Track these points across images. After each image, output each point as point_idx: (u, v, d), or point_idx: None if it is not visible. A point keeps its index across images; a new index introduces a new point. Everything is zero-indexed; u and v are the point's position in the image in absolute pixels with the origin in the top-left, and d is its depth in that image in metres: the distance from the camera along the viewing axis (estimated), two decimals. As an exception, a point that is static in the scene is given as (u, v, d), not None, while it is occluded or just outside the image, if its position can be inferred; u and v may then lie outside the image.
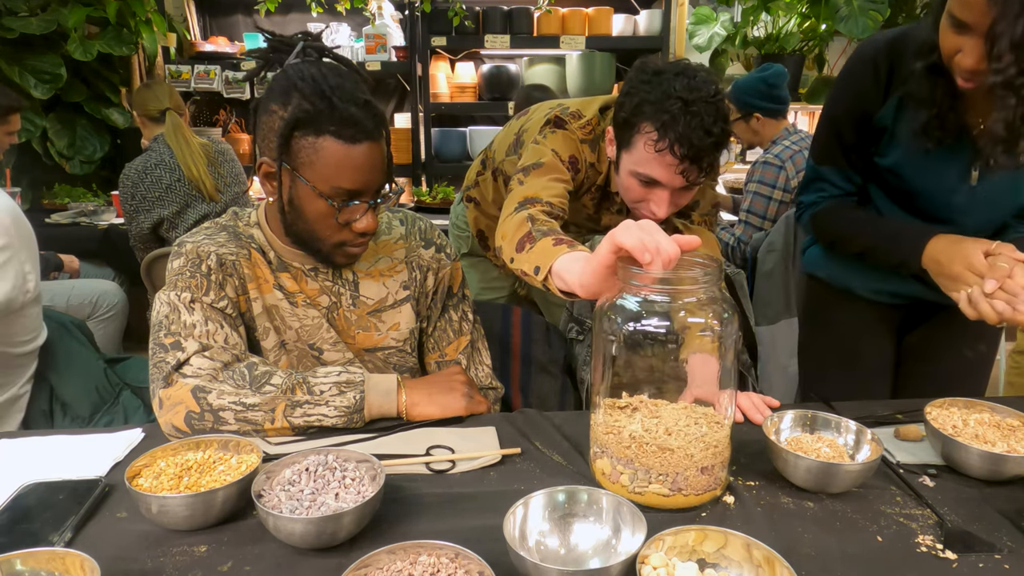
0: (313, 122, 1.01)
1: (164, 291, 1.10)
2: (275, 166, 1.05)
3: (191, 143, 2.49)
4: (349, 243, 1.11)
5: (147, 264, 2.37)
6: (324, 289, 1.18)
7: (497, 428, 1.06)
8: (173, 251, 1.14)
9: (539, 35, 3.94)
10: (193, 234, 1.16)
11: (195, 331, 1.05)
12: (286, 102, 1.03)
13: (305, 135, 1.02)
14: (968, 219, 1.24)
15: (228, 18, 4.37)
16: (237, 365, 1.05)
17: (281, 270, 1.16)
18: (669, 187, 1.21)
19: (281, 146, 1.03)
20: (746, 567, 0.71)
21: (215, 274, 1.10)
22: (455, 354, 1.29)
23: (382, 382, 1.08)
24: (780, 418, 0.99)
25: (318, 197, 1.05)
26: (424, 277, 1.26)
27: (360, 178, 1.04)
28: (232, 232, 1.16)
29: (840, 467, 0.88)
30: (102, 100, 3.68)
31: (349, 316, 1.20)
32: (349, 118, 1.01)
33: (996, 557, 0.78)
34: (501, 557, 0.69)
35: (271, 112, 1.04)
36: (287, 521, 0.75)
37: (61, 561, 0.68)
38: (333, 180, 1.03)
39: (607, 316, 0.87)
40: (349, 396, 1.05)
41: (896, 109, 1.21)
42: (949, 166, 1.20)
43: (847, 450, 0.95)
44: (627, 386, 0.91)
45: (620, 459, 0.87)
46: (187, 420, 1.00)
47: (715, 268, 0.86)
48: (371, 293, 1.21)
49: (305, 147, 1.02)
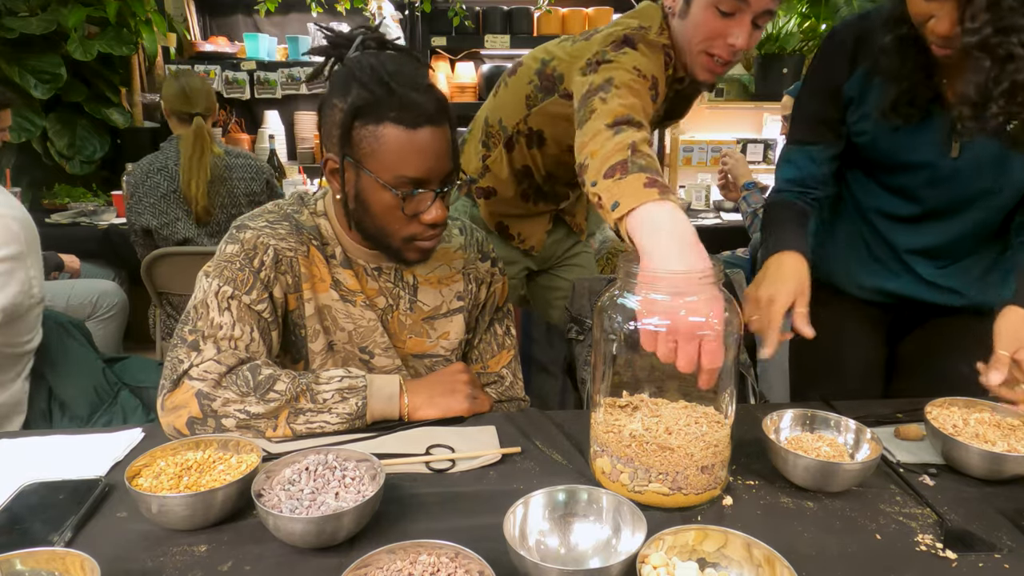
0: (373, 110, 1.00)
1: (209, 274, 1.08)
2: (339, 161, 1.04)
3: (204, 157, 2.33)
4: (419, 236, 1.08)
5: (147, 264, 2.37)
6: (383, 290, 1.17)
7: (497, 427, 1.06)
8: (231, 232, 1.11)
9: (539, 35, 3.94)
10: (255, 217, 1.13)
11: (219, 332, 1.04)
12: (346, 94, 1.01)
13: (365, 124, 1.01)
14: (956, 192, 1.19)
15: (228, 18, 4.37)
16: (241, 368, 1.03)
17: (345, 266, 1.14)
18: (752, 9, 1.20)
19: (343, 137, 1.02)
20: (746, 567, 0.71)
21: (267, 271, 1.08)
22: (497, 367, 1.30)
23: (385, 386, 1.07)
24: (780, 417, 0.99)
25: (382, 188, 1.02)
26: (478, 290, 1.26)
27: (424, 164, 1.02)
28: (294, 223, 1.12)
29: (839, 466, 0.88)
30: (102, 100, 3.68)
31: (403, 320, 1.19)
32: (409, 102, 0.99)
33: (996, 556, 0.78)
34: (501, 556, 0.69)
35: (332, 107, 1.04)
36: (287, 520, 0.75)
37: (61, 561, 0.68)
38: (396, 168, 1.01)
39: (608, 315, 0.87)
40: (351, 403, 1.04)
41: (862, 79, 1.18)
42: (925, 139, 1.16)
43: (847, 449, 0.95)
44: (627, 385, 0.92)
45: (620, 458, 0.87)
46: (189, 424, 1.00)
47: (715, 268, 0.86)
48: (428, 299, 1.21)
49: (366, 136, 1.01)
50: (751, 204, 2.59)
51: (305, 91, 3.94)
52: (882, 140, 1.20)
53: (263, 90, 3.93)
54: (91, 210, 3.30)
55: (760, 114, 4.22)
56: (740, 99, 4.07)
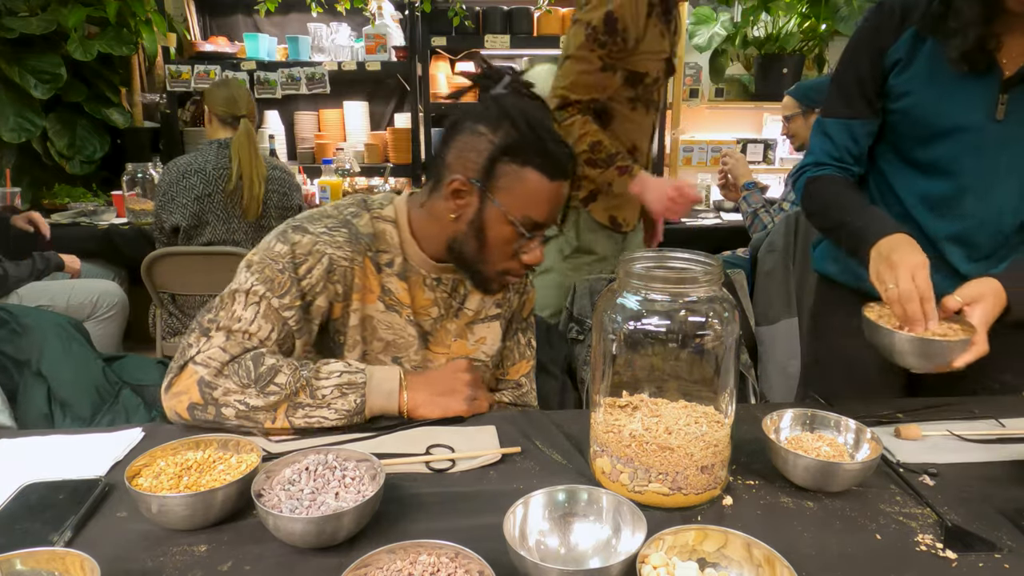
0: (521, 152, 1.05)
1: (251, 267, 1.09)
2: (468, 185, 1.08)
3: (256, 158, 2.37)
4: (512, 272, 1.14)
5: (147, 264, 2.38)
6: (438, 301, 1.20)
7: (497, 427, 1.06)
8: (286, 230, 1.11)
9: (539, 35, 3.94)
10: (314, 220, 1.13)
11: (235, 325, 1.05)
12: (496, 128, 1.06)
13: (511, 162, 1.06)
14: (996, 162, 1.15)
15: (228, 18, 4.37)
16: (244, 357, 1.03)
17: (400, 277, 1.16)
18: None
19: (485, 168, 1.06)
20: (746, 566, 0.71)
21: (312, 280, 1.08)
22: (516, 375, 1.33)
23: (384, 382, 1.08)
24: (780, 417, 0.99)
25: (507, 223, 1.07)
26: (514, 298, 1.29)
27: (549, 213, 1.09)
28: (353, 231, 1.13)
29: (839, 466, 0.88)
30: (102, 100, 3.68)
31: (449, 327, 1.22)
32: (553, 155, 1.06)
33: (996, 556, 0.78)
34: (501, 556, 0.69)
35: (478, 133, 1.07)
36: (287, 520, 0.75)
37: (61, 561, 0.68)
38: (526, 210, 1.07)
39: (607, 315, 0.87)
40: (350, 399, 1.04)
41: (911, 40, 1.16)
42: (972, 99, 1.13)
43: (847, 449, 0.95)
44: (627, 385, 0.92)
45: (620, 458, 0.87)
46: (190, 409, 1.01)
47: (715, 268, 0.86)
48: (472, 305, 1.24)
49: (508, 173, 1.06)
50: (751, 204, 2.60)
51: (305, 91, 3.93)
52: (927, 101, 1.17)
53: (263, 90, 3.92)
54: (91, 210, 3.30)
55: (760, 114, 4.22)
56: (740, 99, 4.08)
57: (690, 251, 0.90)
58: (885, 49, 1.18)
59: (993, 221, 1.19)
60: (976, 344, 1.00)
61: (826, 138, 1.28)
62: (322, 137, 4.21)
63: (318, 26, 4.11)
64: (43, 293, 2.48)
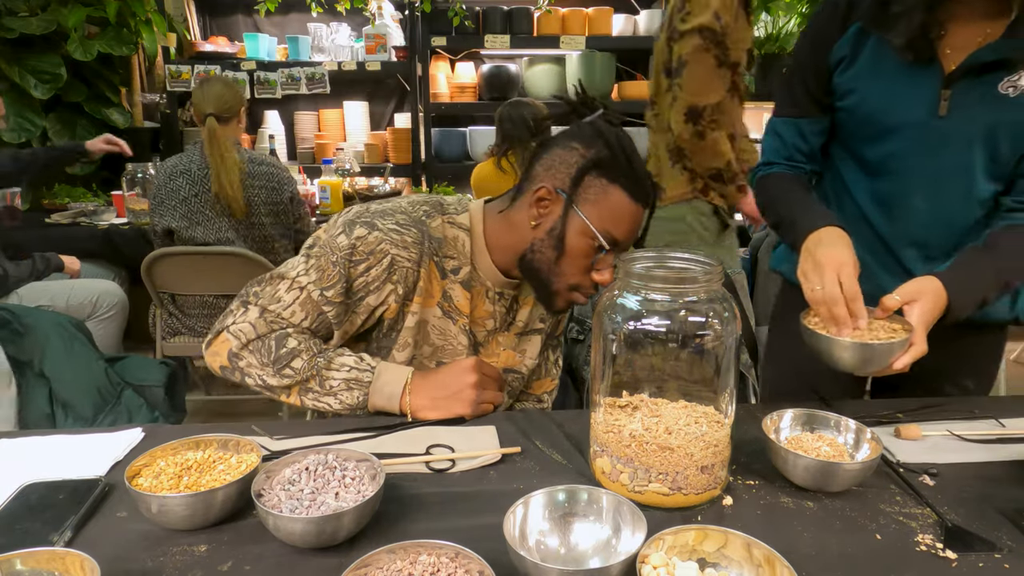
0: (611, 169, 1.08)
1: (310, 251, 1.11)
2: (554, 194, 1.10)
3: (227, 155, 2.33)
4: (581, 288, 1.14)
5: (147, 264, 2.37)
6: (495, 314, 1.22)
7: (497, 427, 1.06)
8: (353, 220, 1.11)
9: (539, 35, 3.95)
10: (385, 215, 1.12)
11: (272, 306, 1.09)
12: (590, 145, 1.09)
13: (600, 176, 1.09)
14: (943, 161, 1.13)
15: (228, 18, 4.37)
16: (268, 337, 1.08)
17: (465, 287, 1.17)
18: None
19: (575, 178, 1.09)
20: (746, 566, 0.71)
21: (367, 278, 1.10)
22: (539, 391, 1.35)
23: (388, 384, 1.08)
24: (780, 417, 0.99)
25: (588, 234, 1.09)
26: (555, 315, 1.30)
27: (627, 233, 1.11)
28: (424, 232, 1.13)
29: (839, 466, 0.88)
30: (102, 100, 3.69)
31: (500, 339, 1.25)
32: (641, 180, 1.10)
33: (996, 556, 0.78)
34: (501, 556, 0.69)
35: (571, 148, 1.10)
36: (287, 520, 0.75)
37: (61, 561, 0.68)
38: (607, 224, 1.09)
39: (607, 315, 0.87)
40: (355, 394, 1.09)
41: (855, 37, 1.14)
42: (915, 96, 1.11)
43: (847, 449, 0.95)
44: (627, 385, 0.92)
45: (620, 458, 0.87)
46: (222, 369, 1.11)
47: (715, 268, 0.86)
48: (521, 317, 1.26)
49: (595, 186, 1.09)
50: None
51: (305, 91, 3.94)
52: (871, 99, 1.15)
53: (263, 90, 3.93)
54: (91, 210, 3.30)
55: (760, 114, 4.21)
56: (740, 99, 4.07)
57: (690, 251, 0.90)
58: (830, 46, 1.17)
59: (943, 221, 1.18)
60: (915, 344, 0.98)
61: (776, 137, 1.28)
62: (322, 137, 4.21)
63: (318, 26, 4.11)
64: (43, 293, 2.49)
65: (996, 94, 1.06)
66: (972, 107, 1.08)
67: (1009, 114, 1.07)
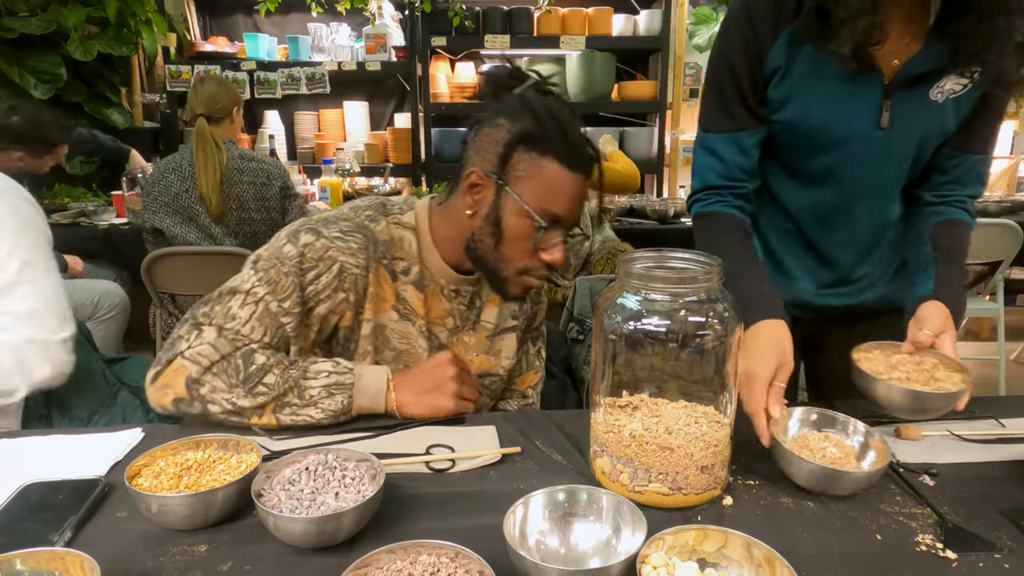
0: (541, 141, 1.03)
1: (257, 263, 1.07)
2: (485, 177, 1.06)
3: (209, 156, 2.36)
4: (532, 271, 1.10)
5: (147, 264, 2.38)
6: (454, 312, 1.18)
7: (497, 427, 1.06)
8: (298, 230, 1.08)
9: (539, 35, 3.95)
10: (329, 223, 1.10)
11: (228, 324, 1.03)
12: (516, 118, 1.04)
13: (529, 151, 1.03)
14: (886, 171, 1.12)
15: (228, 18, 4.37)
16: (234, 355, 1.02)
17: (417, 287, 1.13)
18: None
19: (502, 156, 1.03)
20: (746, 566, 0.71)
21: (317, 287, 1.07)
22: (523, 387, 1.31)
23: (372, 384, 1.06)
24: (787, 415, 0.98)
25: (524, 214, 1.04)
26: (528, 308, 1.27)
27: (567, 206, 1.06)
28: (369, 235, 1.10)
29: (846, 474, 0.87)
30: (102, 100, 3.69)
31: (468, 340, 1.20)
32: (575, 146, 1.04)
33: (996, 556, 0.78)
34: (501, 556, 0.69)
35: (498, 125, 1.05)
36: (287, 520, 0.75)
37: (61, 561, 0.68)
38: (544, 201, 1.04)
39: (607, 315, 0.87)
40: (337, 399, 1.04)
41: (788, 44, 1.06)
42: (857, 107, 1.07)
43: (854, 451, 0.94)
44: (627, 385, 0.91)
45: (620, 458, 0.87)
46: (174, 403, 1.01)
47: (715, 268, 0.86)
48: (490, 317, 1.22)
49: (526, 161, 1.03)
50: None
51: (305, 91, 3.94)
52: (811, 111, 1.09)
53: (263, 90, 3.93)
54: (91, 210, 3.30)
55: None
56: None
57: (690, 251, 0.90)
58: (763, 56, 1.08)
59: (880, 225, 1.20)
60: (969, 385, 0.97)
61: (712, 156, 1.16)
62: (322, 137, 4.21)
63: (318, 26, 4.11)
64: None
65: (928, 101, 1.06)
66: (909, 116, 1.08)
67: (938, 119, 1.08)
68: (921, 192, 1.18)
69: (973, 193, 1.17)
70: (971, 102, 1.08)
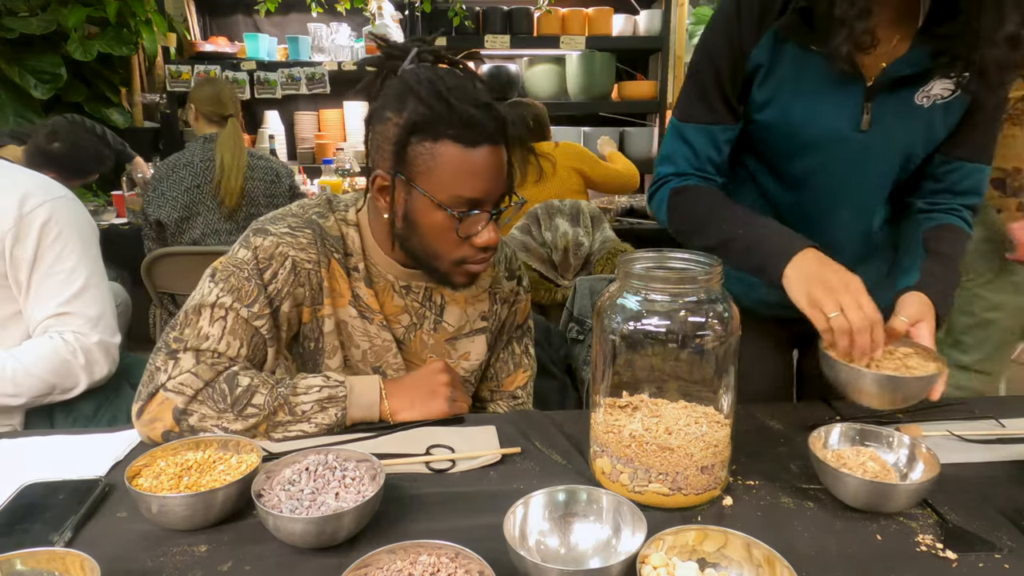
0: (431, 126, 0.96)
1: (215, 275, 1.04)
2: (389, 178, 1.01)
3: (242, 154, 2.46)
4: (469, 259, 1.05)
5: (147, 264, 2.38)
6: (409, 308, 1.15)
7: (497, 427, 1.06)
8: (248, 235, 1.07)
9: (539, 35, 3.95)
10: (276, 220, 1.08)
11: (204, 344, 1.01)
12: (401, 108, 0.98)
13: (422, 140, 0.97)
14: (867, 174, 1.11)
15: (228, 18, 4.37)
16: (218, 380, 0.99)
17: (367, 284, 1.11)
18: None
19: (397, 154, 0.98)
20: (746, 567, 0.71)
21: (278, 284, 1.05)
22: (511, 387, 1.28)
23: (364, 394, 1.05)
24: (826, 433, 0.95)
25: (436, 208, 0.99)
26: (501, 309, 1.24)
27: (480, 185, 0.99)
28: (318, 231, 1.08)
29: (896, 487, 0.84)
30: (102, 100, 3.69)
31: (426, 340, 1.17)
32: (468, 119, 0.96)
33: (996, 557, 0.78)
34: (501, 557, 0.69)
35: (386, 120, 1.00)
36: (287, 521, 0.75)
37: (61, 561, 0.68)
38: (452, 188, 0.98)
39: (607, 315, 0.87)
40: (331, 412, 1.02)
41: (772, 43, 1.05)
42: (838, 109, 1.06)
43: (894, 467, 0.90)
44: (627, 385, 0.91)
45: (620, 458, 0.87)
46: (164, 435, 0.99)
47: (715, 268, 0.86)
48: (452, 319, 1.18)
49: (422, 154, 0.97)
50: None
51: (305, 91, 3.94)
52: (793, 112, 1.08)
53: (263, 90, 3.93)
54: (91, 210, 3.30)
55: None
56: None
57: (690, 251, 0.90)
58: (747, 52, 1.07)
59: (863, 228, 1.18)
60: (943, 373, 0.94)
61: (685, 145, 1.14)
62: (322, 137, 4.21)
63: (318, 26, 4.11)
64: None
65: (913, 105, 1.04)
66: (890, 119, 1.06)
67: (924, 124, 1.06)
68: (914, 200, 1.17)
69: (968, 203, 1.15)
70: (962, 109, 1.06)
